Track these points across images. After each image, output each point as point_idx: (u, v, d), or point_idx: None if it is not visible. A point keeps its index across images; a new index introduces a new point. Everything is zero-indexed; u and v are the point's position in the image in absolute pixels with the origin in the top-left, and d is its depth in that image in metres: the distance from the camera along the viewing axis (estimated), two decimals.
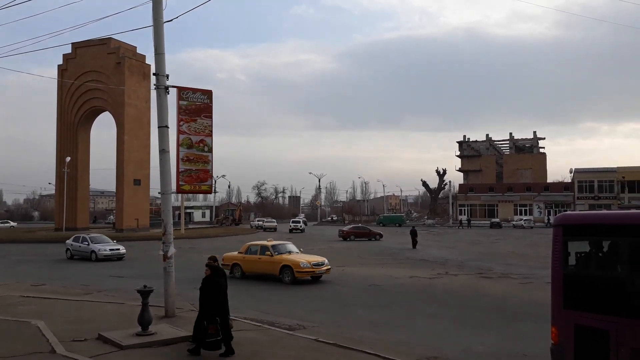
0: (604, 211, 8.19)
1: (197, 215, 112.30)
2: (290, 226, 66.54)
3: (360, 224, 66.90)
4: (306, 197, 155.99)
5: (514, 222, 76.95)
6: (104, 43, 55.52)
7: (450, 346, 10.59)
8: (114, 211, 69.51)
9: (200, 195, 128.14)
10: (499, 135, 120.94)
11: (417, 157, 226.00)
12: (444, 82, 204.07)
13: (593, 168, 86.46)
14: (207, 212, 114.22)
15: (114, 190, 62.37)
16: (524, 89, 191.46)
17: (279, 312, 13.96)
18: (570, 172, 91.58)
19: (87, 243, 30.40)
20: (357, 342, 10.34)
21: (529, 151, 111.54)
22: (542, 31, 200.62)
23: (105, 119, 61.79)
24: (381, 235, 49.65)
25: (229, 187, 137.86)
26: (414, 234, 38.50)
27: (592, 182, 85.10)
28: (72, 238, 32.45)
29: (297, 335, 10.82)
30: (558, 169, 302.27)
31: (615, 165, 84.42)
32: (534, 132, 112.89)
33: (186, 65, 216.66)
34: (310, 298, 16.61)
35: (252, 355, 9.23)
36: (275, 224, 75.14)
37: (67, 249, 31.37)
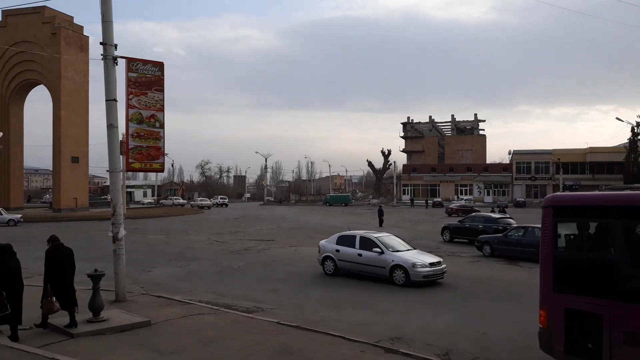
0: (595, 192, 7.94)
1: (137, 195, 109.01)
2: (219, 201, 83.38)
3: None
4: (252, 177, 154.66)
5: (454, 202, 79.12)
6: (38, 12, 52.04)
7: (411, 325, 10.58)
8: (51, 190, 66.27)
9: (141, 174, 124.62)
10: (442, 117, 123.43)
11: (361, 137, 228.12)
12: (385, 63, 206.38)
13: (530, 150, 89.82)
14: (149, 191, 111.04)
15: (50, 169, 59.30)
16: (464, 72, 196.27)
17: (234, 294, 13.58)
18: (509, 153, 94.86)
19: None
20: (318, 324, 10.15)
21: (469, 133, 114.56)
22: (479, 15, 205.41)
23: (41, 93, 58.40)
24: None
25: (172, 165, 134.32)
26: (380, 213, 39.11)
27: (529, 164, 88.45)
28: None
29: (258, 319, 10.50)
30: (497, 150, 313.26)
31: (550, 148, 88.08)
32: (475, 115, 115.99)
33: (120, 38, 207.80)
34: (265, 279, 16.28)
35: (215, 340, 8.85)
36: (209, 202, 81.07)
37: None
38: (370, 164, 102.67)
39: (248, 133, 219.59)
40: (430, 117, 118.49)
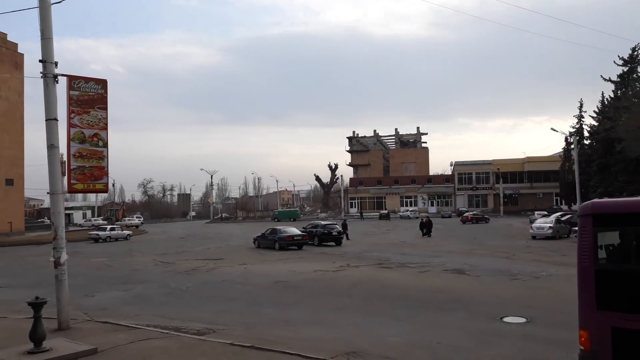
0: (638, 198, 7.20)
1: (77, 217, 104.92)
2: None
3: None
4: (197, 195, 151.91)
5: (400, 213, 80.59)
6: None
7: (364, 339, 10.59)
8: None
9: (79, 195, 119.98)
10: (386, 130, 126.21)
11: (307, 152, 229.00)
12: (328, 78, 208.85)
13: (471, 161, 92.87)
14: (89, 212, 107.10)
15: None
16: (406, 86, 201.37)
17: (183, 317, 13.21)
18: (451, 165, 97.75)
19: None
20: (273, 343, 9.99)
21: (412, 146, 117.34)
22: (418, 31, 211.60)
23: None
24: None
25: (112, 185, 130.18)
26: (344, 226, 39.77)
27: (470, 174, 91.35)
28: None
29: (210, 341, 10.24)
30: (439, 162, 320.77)
31: (490, 158, 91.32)
32: (417, 128, 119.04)
33: (56, 55, 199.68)
34: (215, 299, 15.96)
35: None
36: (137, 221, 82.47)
37: None
38: (317, 179, 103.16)
39: (192, 150, 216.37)
40: (374, 131, 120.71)
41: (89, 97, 11.49)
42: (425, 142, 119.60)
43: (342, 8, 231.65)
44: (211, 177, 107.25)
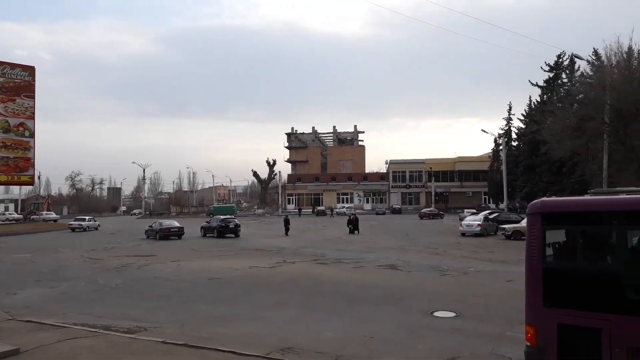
0: (587, 197, 7.41)
1: None
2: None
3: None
4: (128, 189, 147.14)
5: (336, 210, 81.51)
6: None
7: (300, 335, 10.65)
8: None
9: (1, 187, 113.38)
10: (324, 128, 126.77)
11: (246, 147, 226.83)
12: (268, 73, 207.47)
13: (405, 160, 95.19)
14: (11, 205, 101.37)
15: None
16: (345, 84, 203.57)
17: (113, 315, 12.79)
18: (386, 163, 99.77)
19: None
20: (207, 340, 9.88)
21: (350, 144, 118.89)
22: (357, 30, 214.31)
23: None
24: None
25: (38, 177, 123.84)
26: (287, 222, 40.67)
27: (404, 172, 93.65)
28: None
29: (141, 339, 9.98)
30: (375, 160, 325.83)
31: (423, 157, 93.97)
32: (355, 126, 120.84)
33: None
34: (147, 296, 15.54)
35: None
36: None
37: None
38: (255, 174, 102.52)
39: (125, 143, 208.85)
40: (313, 127, 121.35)
41: (15, 84, 10.85)
42: (362, 140, 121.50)
43: (282, 3, 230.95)
44: (144, 171, 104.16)
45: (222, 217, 43.53)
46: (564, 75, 56.39)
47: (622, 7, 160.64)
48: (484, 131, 61.62)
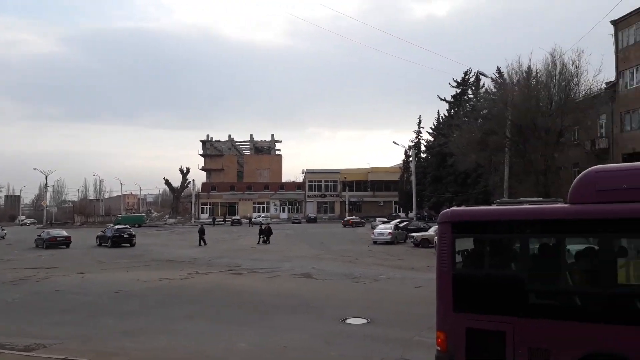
0: (494, 207, 7.75)
1: None
2: None
3: None
4: (28, 197, 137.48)
5: (254, 219, 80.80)
6: None
7: (213, 347, 10.45)
8: None
9: None
10: (241, 136, 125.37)
11: (158, 154, 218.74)
12: (182, 79, 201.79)
13: (321, 169, 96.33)
14: None
15: None
16: (262, 93, 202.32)
17: (9, 332, 11.89)
18: (302, 172, 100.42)
19: None
20: (113, 355, 9.47)
21: (267, 153, 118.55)
22: (273, 39, 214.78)
23: None
24: None
25: None
26: (201, 232, 39.99)
27: (320, 182, 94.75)
28: None
29: (40, 357, 9.34)
30: (292, 169, 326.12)
31: (338, 167, 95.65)
32: (272, 135, 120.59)
33: None
34: (47, 311, 14.57)
35: None
36: None
37: None
38: (167, 182, 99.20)
39: (24, 147, 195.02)
40: (229, 135, 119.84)
41: None
42: (280, 150, 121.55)
43: (196, 8, 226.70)
44: (46, 178, 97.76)
45: (117, 226, 45.03)
46: (470, 91, 59.65)
47: (523, 28, 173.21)
48: (396, 143, 64.10)
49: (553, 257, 6.79)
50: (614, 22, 34.45)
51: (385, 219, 59.97)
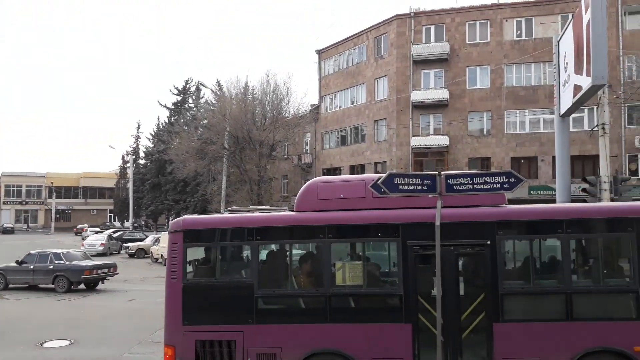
0: (226, 215, 7.68)
1: None
2: None
3: None
4: None
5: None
6: None
7: None
8: None
9: None
10: None
11: None
12: None
13: (22, 172, 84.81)
14: None
15: None
16: None
17: None
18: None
19: None
20: None
21: None
22: None
23: None
24: None
25: None
26: None
27: (20, 187, 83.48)
28: None
29: None
30: None
31: (44, 171, 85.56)
32: None
33: None
34: None
35: None
36: None
37: None
38: None
39: None
40: None
41: None
42: None
43: None
44: None
45: None
46: (190, 100, 60.22)
47: (246, 44, 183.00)
48: (112, 147, 60.53)
49: (280, 262, 7.23)
50: (318, 52, 39.25)
51: (98, 229, 56.03)
